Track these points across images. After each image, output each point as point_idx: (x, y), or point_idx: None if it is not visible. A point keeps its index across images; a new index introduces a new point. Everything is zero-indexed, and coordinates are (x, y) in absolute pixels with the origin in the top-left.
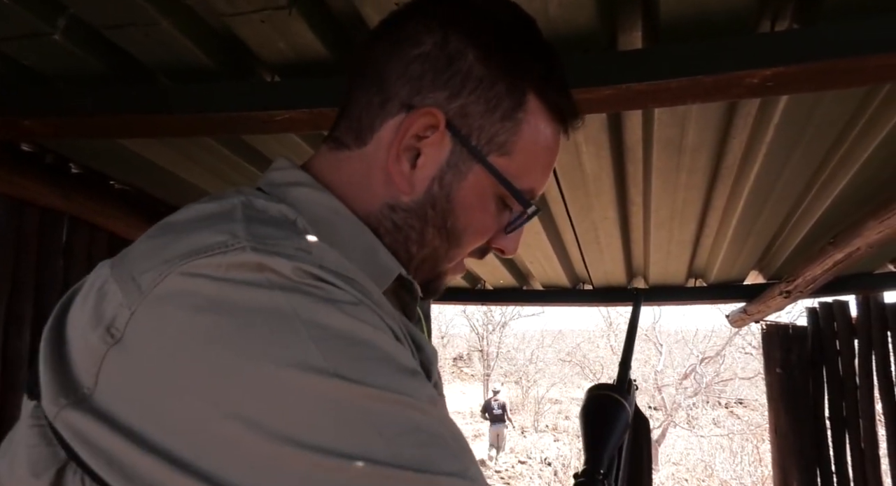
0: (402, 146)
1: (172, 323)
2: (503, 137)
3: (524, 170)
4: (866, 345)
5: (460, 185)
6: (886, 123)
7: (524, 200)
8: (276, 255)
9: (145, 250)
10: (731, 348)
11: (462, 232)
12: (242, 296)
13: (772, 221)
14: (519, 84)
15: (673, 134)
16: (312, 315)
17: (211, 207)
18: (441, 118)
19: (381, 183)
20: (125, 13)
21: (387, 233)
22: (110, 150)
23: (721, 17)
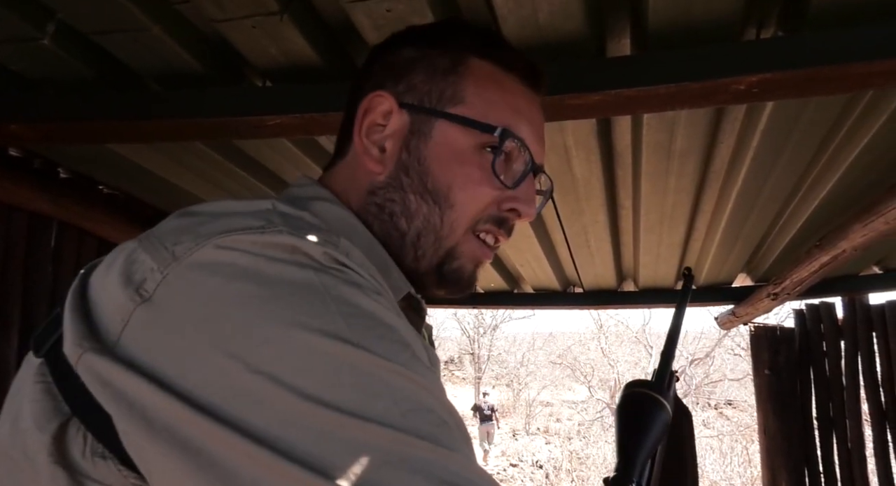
0: (366, 136)
1: (206, 287)
2: (451, 91)
3: (485, 111)
4: (852, 346)
5: (427, 144)
6: (869, 128)
7: (485, 125)
8: (309, 240)
9: (176, 227)
10: (721, 349)
11: (447, 189)
12: (276, 270)
13: (759, 224)
14: (455, 52)
15: (662, 139)
16: (341, 293)
17: (239, 205)
18: (390, 98)
19: (361, 177)
20: (114, 19)
21: (374, 219)
22: (99, 154)
23: (707, 25)
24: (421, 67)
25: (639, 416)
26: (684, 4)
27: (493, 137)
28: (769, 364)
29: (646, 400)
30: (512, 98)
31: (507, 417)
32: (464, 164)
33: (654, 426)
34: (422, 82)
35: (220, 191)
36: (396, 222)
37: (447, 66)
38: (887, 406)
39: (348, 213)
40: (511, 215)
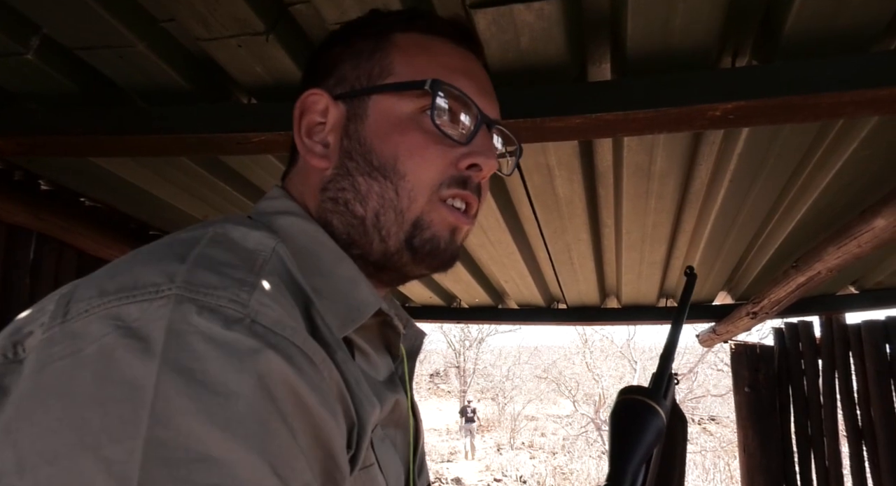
0: (305, 134)
1: (54, 368)
2: (377, 68)
3: (415, 71)
4: (829, 365)
5: (365, 124)
6: (842, 154)
7: (417, 83)
8: (200, 309)
9: (101, 274)
10: (704, 365)
11: (394, 161)
12: (124, 362)
13: (738, 244)
14: (376, 35)
15: (642, 160)
16: (169, 410)
17: (183, 236)
18: (324, 95)
19: (313, 178)
20: (99, 35)
21: (332, 214)
22: (81, 167)
23: (685, 53)
24: (348, 57)
25: (632, 423)
26: (662, 33)
27: (428, 97)
28: (749, 382)
29: (639, 407)
30: (443, 58)
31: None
32: (404, 131)
33: (647, 434)
34: (350, 69)
35: (204, 205)
36: (352, 209)
37: (371, 47)
38: (863, 424)
39: (315, 227)
40: (473, 172)
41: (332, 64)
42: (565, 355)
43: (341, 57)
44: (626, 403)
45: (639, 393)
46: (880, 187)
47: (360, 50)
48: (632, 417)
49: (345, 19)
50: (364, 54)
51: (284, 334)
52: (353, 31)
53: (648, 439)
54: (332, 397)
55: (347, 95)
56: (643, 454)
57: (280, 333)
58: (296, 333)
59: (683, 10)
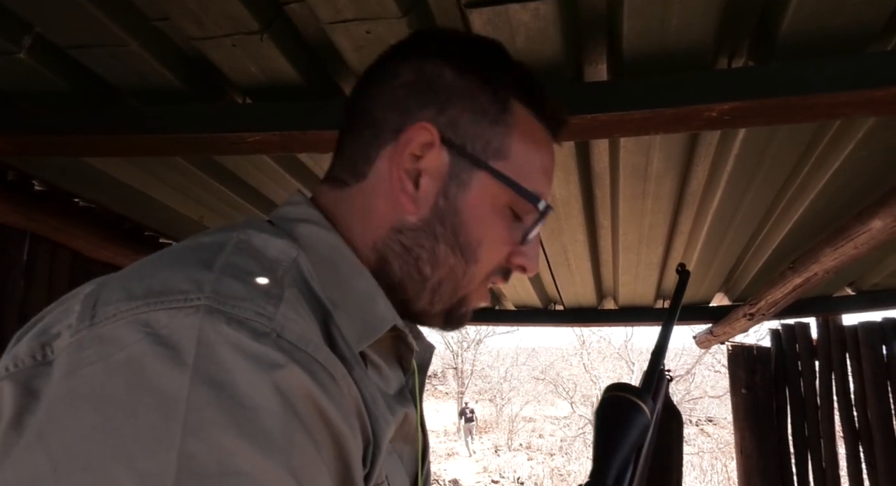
0: (403, 168)
1: (85, 373)
2: (496, 142)
3: (524, 171)
4: (826, 366)
5: (466, 195)
6: (839, 155)
7: (532, 195)
8: (228, 320)
9: (127, 275)
10: (701, 366)
11: (476, 245)
12: (156, 371)
13: (735, 245)
14: (499, 91)
15: (638, 161)
16: (202, 422)
17: (207, 240)
18: (434, 132)
19: (385, 210)
20: (92, 34)
21: (396, 257)
22: (75, 167)
23: (681, 54)
24: (467, 104)
25: (616, 420)
26: (658, 33)
27: (527, 204)
28: (746, 383)
29: (623, 404)
30: (545, 158)
31: (489, 432)
32: (495, 222)
33: (631, 431)
34: (468, 124)
35: (199, 205)
36: (421, 267)
37: (495, 113)
38: (860, 426)
39: (335, 237)
40: (517, 270)
41: (446, 97)
42: (563, 357)
43: (458, 96)
44: (612, 400)
45: (624, 390)
46: (877, 188)
47: (482, 106)
48: (616, 414)
49: (339, 19)
50: (487, 117)
51: (308, 350)
52: (469, 63)
53: (632, 436)
54: (351, 414)
55: (458, 151)
56: (628, 451)
57: (304, 348)
58: (319, 349)
59: (679, 10)
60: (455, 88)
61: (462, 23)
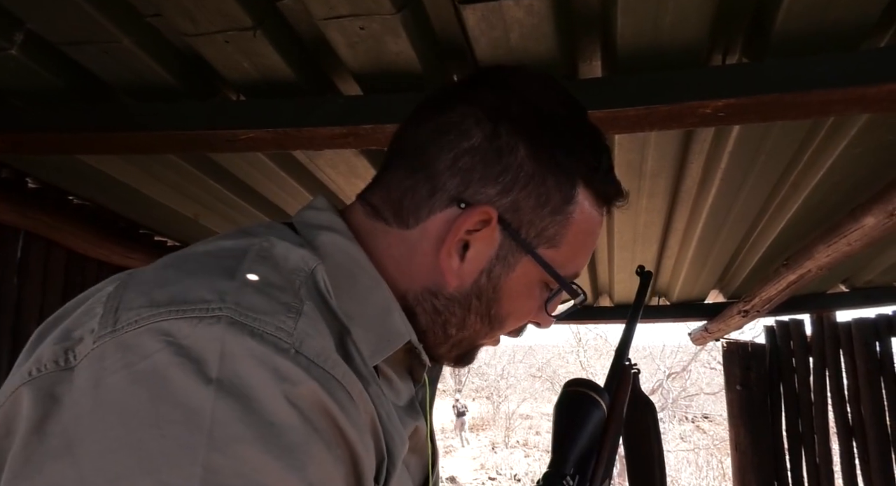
0: (455, 241)
1: (106, 384)
2: (552, 231)
3: (571, 258)
4: (820, 363)
5: (508, 276)
6: (832, 152)
7: (573, 291)
8: (250, 333)
9: (149, 280)
10: (697, 363)
11: (505, 317)
12: (181, 381)
13: (729, 243)
14: (569, 177)
15: (633, 159)
16: (226, 436)
17: (229, 244)
18: (494, 215)
19: (425, 269)
20: (84, 30)
21: (424, 313)
22: (69, 165)
23: (675, 51)
24: (534, 190)
25: (574, 414)
26: (652, 30)
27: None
28: (741, 380)
29: (582, 399)
30: (594, 241)
31: (486, 430)
32: (529, 299)
33: (588, 424)
34: (529, 209)
35: (195, 203)
36: (447, 329)
37: (559, 202)
38: (854, 422)
39: (356, 248)
40: (532, 324)
41: (517, 179)
42: (559, 354)
43: (529, 182)
44: (570, 395)
45: (582, 386)
46: (870, 186)
47: (548, 195)
48: (574, 408)
49: (333, 15)
50: (549, 205)
51: (326, 366)
52: (548, 142)
53: (589, 429)
54: (367, 432)
55: (512, 234)
56: (586, 443)
57: (322, 365)
58: (336, 365)
59: (673, 7)
60: (525, 171)
61: (456, 20)
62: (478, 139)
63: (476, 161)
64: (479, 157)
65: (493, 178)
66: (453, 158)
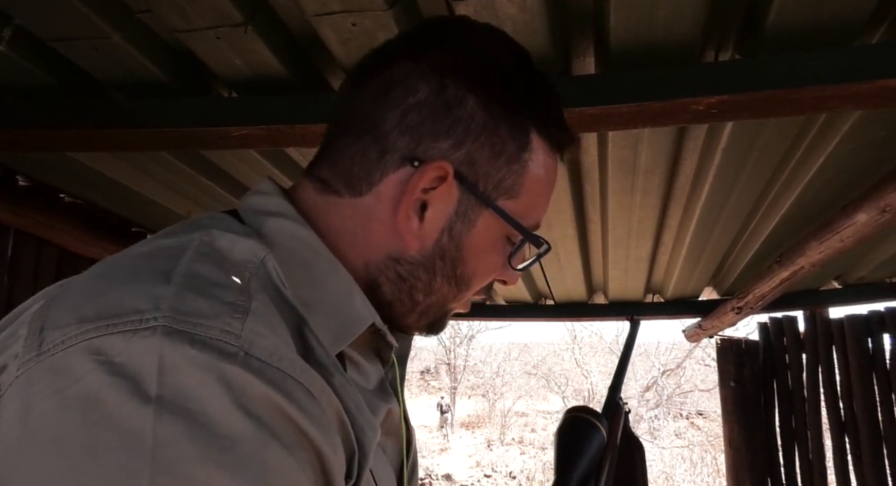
0: (410, 200)
1: (39, 411)
2: (510, 181)
3: (531, 208)
4: (813, 359)
5: (470, 233)
6: (824, 149)
7: (537, 241)
8: (190, 342)
9: (76, 294)
10: (691, 360)
11: (471, 276)
12: (116, 406)
13: (723, 239)
14: (522, 124)
15: (626, 155)
16: (172, 458)
17: (166, 243)
18: (449, 169)
19: (384, 235)
20: (73, 26)
21: (388, 283)
22: (60, 162)
23: (668, 47)
24: (488, 141)
25: (576, 438)
26: (645, 26)
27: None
28: (734, 377)
29: (583, 424)
30: (551, 188)
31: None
32: (492, 254)
33: (590, 448)
34: (484, 160)
35: (188, 201)
36: (414, 295)
37: (513, 151)
38: (846, 418)
39: (308, 232)
40: (498, 283)
41: (468, 130)
42: (555, 352)
43: (482, 132)
44: (572, 420)
45: (584, 412)
46: (862, 182)
47: (503, 145)
48: (577, 433)
49: (325, 11)
50: (504, 155)
51: (280, 366)
52: (497, 89)
53: (590, 452)
54: (332, 430)
55: (469, 188)
56: (587, 466)
57: (276, 365)
58: (292, 364)
59: (666, 3)
60: (476, 121)
61: (449, 15)
62: (424, 93)
63: (424, 116)
64: (427, 111)
65: (443, 132)
66: (400, 115)
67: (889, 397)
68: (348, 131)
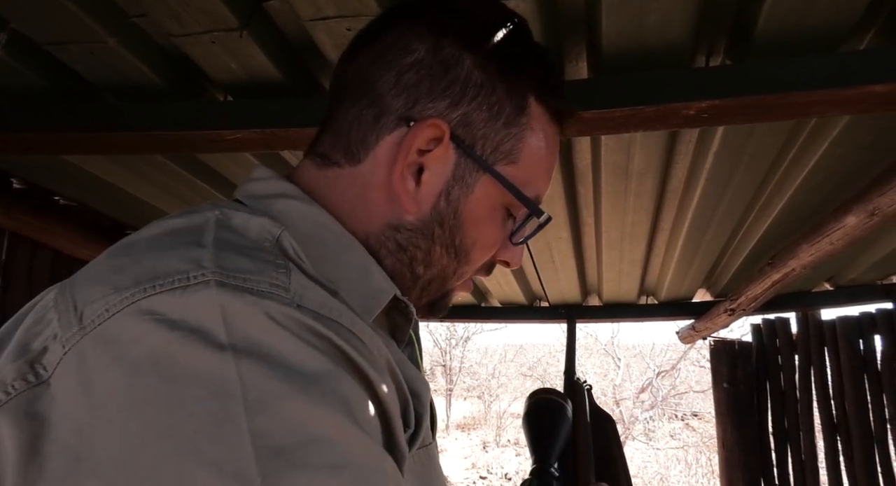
0: (406, 163)
1: (100, 383)
2: (509, 145)
3: (531, 176)
4: (805, 360)
5: (468, 198)
6: (815, 152)
7: (537, 210)
8: (244, 292)
9: (98, 273)
10: (686, 361)
11: (471, 248)
12: (189, 359)
13: (715, 242)
14: (519, 89)
15: (619, 159)
16: (263, 397)
17: (179, 222)
18: (445, 129)
19: (382, 202)
20: (69, 30)
21: (389, 254)
22: (54, 165)
23: (659, 52)
24: (484, 102)
25: (545, 417)
26: (636, 32)
27: (525, 209)
28: (728, 378)
29: (549, 403)
30: (552, 160)
31: (477, 429)
32: (492, 224)
33: (562, 424)
34: (482, 122)
35: (181, 202)
36: (414, 267)
37: (511, 114)
38: (838, 418)
39: (317, 209)
40: (501, 263)
41: (465, 90)
42: (550, 353)
43: (479, 92)
44: (539, 403)
45: (547, 394)
46: (852, 186)
47: (500, 106)
48: (545, 412)
49: (320, 16)
50: (502, 117)
51: (333, 316)
52: (493, 55)
53: (563, 431)
54: (385, 374)
55: (467, 151)
56: (562, 444)
57: (328, 315)
58: (343, 314)
59: (657, 9)
60: (473, 81)
61: None
62: (420, 53)
63: (421, 76)
64: (423, 71)
65: (440, 91)
66: (396, 75)
67: (880, 398)
68: (345, 98)
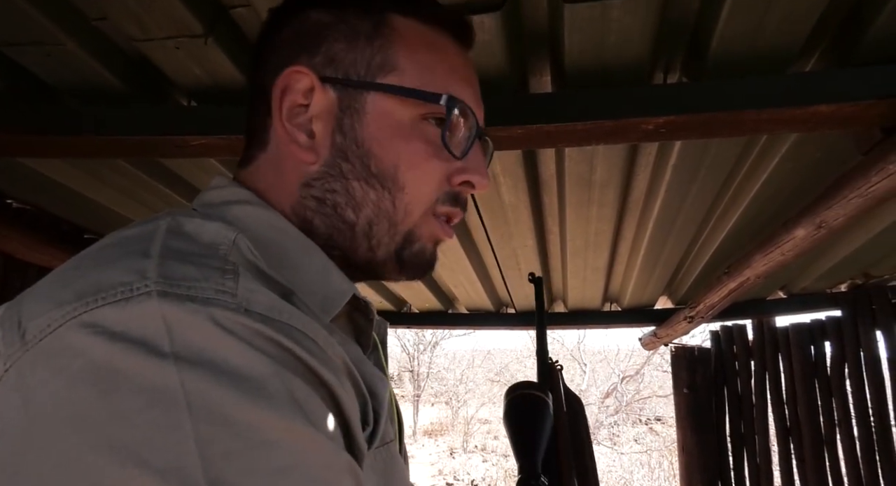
0: (292, 122)
1: (44, 394)
2: (379, 58)
3: (424, 76)
4: (761, 366)
5: (363, 122)
6: (767, 166)
7: (432, 94)
8: (188, 300)
9: (44, 288)
10: (650, 366)
11: (394, 170)
12: (132, 368)
13: (675, 251)
14: (370, 8)
15: (583, 170)
16: (207, 404)
17: (130, 232)
18: (309, 73)
19: (290, 170)
20: (25, 31)
21: (314, 213)
22: (7, 167)
23: (619, 69)
24: (339, 33)
25: (528, 417)
26: (597, 49)
27: (436, 107)
28: (688, 383)
29: (530, 400)
30: (447, 58)
31: (444, 435)
32: (408, 139)
33: (546, 424)
34: (343, 51)
35: (142, 207)
36: (342, 214)
37: (369, 29)
38: (791, 422)
39: (274, 214)
40: (465, 188)
41: (319, 35)
42: (517, 359)
43: (328, 30)
44: (518, 400)
45: (527, 389)
46: (801, 199)
47: (354, 28)
48: (527, 411)
49: None
50: (361, 36)
51: (282, 319)
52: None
53: (546, 427)
54: (342, 375)
55: (341, 83)
56: (546, 441)
57: (278, 318)
58: (293, 316)
59: (617, 28)
60: (325, 24)
61: None
62: (279, 37)
63: (285, 49)
64: (286, 44)
65: (297, 51)
66: (272, 62)
67: (829, 402)
68: (250, 106)
